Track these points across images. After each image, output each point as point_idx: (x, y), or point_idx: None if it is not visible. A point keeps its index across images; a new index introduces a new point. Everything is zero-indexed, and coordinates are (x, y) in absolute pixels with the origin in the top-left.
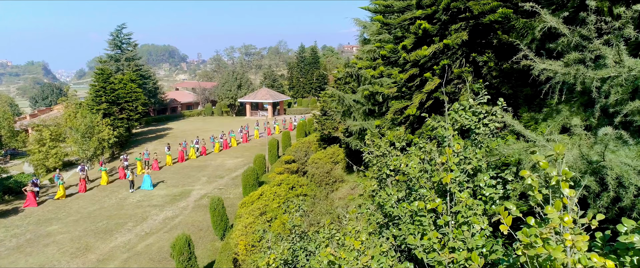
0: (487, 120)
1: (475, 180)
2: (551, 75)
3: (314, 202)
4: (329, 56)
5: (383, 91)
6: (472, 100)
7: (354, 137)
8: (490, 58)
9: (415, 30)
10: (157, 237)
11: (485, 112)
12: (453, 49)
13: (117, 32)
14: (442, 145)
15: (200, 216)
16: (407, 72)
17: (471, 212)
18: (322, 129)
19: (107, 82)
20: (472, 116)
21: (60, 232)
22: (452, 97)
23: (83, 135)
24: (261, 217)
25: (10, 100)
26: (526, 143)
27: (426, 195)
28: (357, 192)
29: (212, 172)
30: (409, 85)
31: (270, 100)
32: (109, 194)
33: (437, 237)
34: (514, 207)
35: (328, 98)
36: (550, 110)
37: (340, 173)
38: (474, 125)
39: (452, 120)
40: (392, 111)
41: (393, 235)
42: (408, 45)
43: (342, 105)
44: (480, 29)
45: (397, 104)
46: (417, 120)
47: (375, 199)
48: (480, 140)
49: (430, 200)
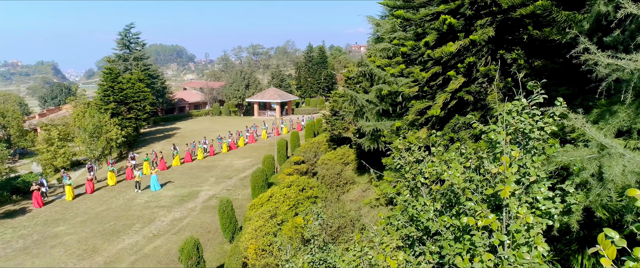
0: (542, 122)
1: (530, 191)
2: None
3: (325, 205)
4: (337, 56)
5: (403, 90)
6: (524, 100)
7: (367, 138)
8: (520, 55)
9: (439, 26)
10: (165, 239)
11: (541, 113)
12: (478, 45)
13: (125, 31)
14: (493, 152)
15: (209, 217)
16: (429, 70)
17: (534, 232)
18: (332, 130)
19: (115, 81)
20: (528, 118)
21: (67, 233)
22: (477, 97)
23: (91, 134)
24: (271, 220)
25: (20, 100)
26: (586, 148)
27: (476, 209)
28: (370, 194)
29: (221, 172)
30: (430, 84)
31: (278, 100)
32: (117, 195)
33: (491, 259)
34: (617, 235)
35: (339, 98)
36: (602, 111)
37: (351, 175)
38: (529, 129)
39: (504, 123)
40: (414, 112)
41: (430, 251)
42: (430, 41)
43: (354, 105)
44: (509, 24)
45: (419, 104)
46: (439, 122)
47: (408, 210)
48: (534, 146)
49: (482, 216)
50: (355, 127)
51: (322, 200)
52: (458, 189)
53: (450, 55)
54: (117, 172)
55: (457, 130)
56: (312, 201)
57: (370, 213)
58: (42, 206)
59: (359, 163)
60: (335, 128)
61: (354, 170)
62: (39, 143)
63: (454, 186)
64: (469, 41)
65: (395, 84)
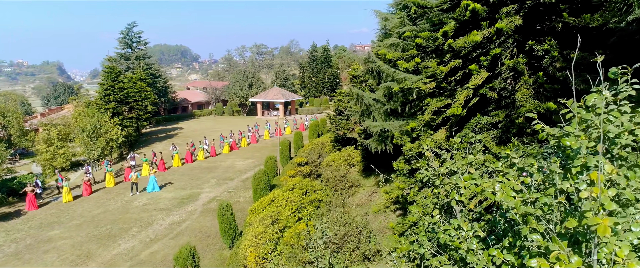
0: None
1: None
2: None
3: (329, 209)
4: (341, 55)
5: (419, 87)
6: (606, 92)
7: (374, 139)
8: (553, 46)
9: (459, 14)
10: (163, 244)
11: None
12: (504, 35)
13: (127, 30)
14: (570, 165)
15: (209, 221)
16: (448, 64)
17: None
18: (337, 130)
19: (116, 80)
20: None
21: (62, 237)
22: (502, 94)
23: (89, 134)
24: (273, 226)
25: (23, 99)
26: None
27: (548, 247)
28: (376, 198)
29: (222, 173)
30: (448, 80)
31: (281, 100)
32: (115, 196)
33: None
34: None
35: (344, 97)
36: None
37: (357, 177)
38: (618, 133)
39: (583, 125)
40: (430, 111)
41: None
42: (449, 31)
43: (361, 104)
44: (540, 11)
45: (435, 102)
46: (458, 122)
47: (439, 236)
48: (619, 155)
49: (561, 257)
50: (361, 127)
51: (326, 204)
52: (516, 215)
53: (473, 46)
54: (116, 173)
55: (479, 131)
56: (315, 205)
57: (377, 218)
58: (37, 208)
59: (365, 165)
60: (340, 128)
61: (360, 172)
62: (38, 143)
63: (511, 211)
64: (494, 30)
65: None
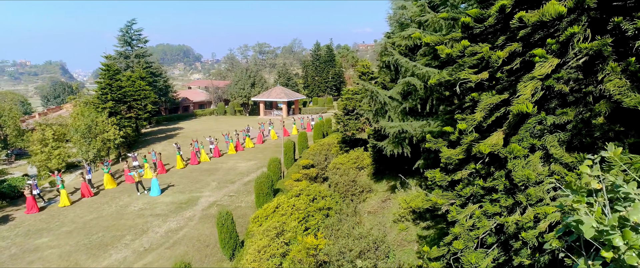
0: None
1: None
2: None
3: (339, 219)
4: (344, 54)
5: (469, 77)
6: None
7: (389, 140)
8: None
9: None
10: (157, 254)
11: None
12: (580, 10)
13: (126, 28)
14: None
15: (208, 228)
16: (504, 48)
17: None
18: (345, 130)
19: (113, 79)
20: None
21: (50, 246)
22: (576, 85)
23: (84, 135)
24: (278, 238)
25: (23, 99)
26: None
27: None
28: (390, 205)
29: (223, 176)
30: (503, 69)
31: (284, 99)
32: (110, 201)
33: None
34: None
35: (352, 95)
36: None
37: (367, 182)
38: None
39: None
40: (483, 108)
41: None
42: (507, 4)
43: (375, 102)
44: None
45: (489, 98)
46: (518, 122)
47: None
48: None
49: None
50: (373, 127)
51: (336, 212)
52: None
53: (528, 29)
54: (114, 175)
55: (538, 133)
56: (324, 214)
57: (393, 228)
58: (38, 211)
59: (376, 168)
60: (348, 128)
61: (370, 175)
62: (33, 143)
63: None
64: (572, 3)
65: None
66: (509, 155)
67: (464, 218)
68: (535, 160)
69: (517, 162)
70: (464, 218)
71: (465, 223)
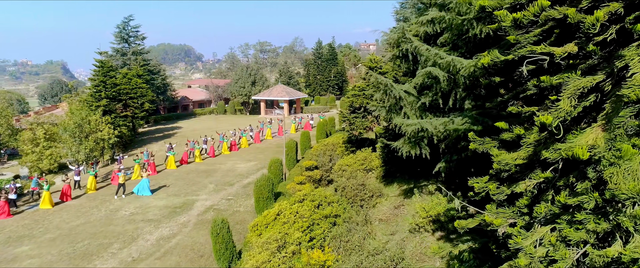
0: None
1: None
2: None
3: (349, 228)
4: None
5: (553, 51)
6: None
7: (405, 140)
8: None
9: None
10: (146, 265)
11: None
12: None
13: (123, 24)
14: None
15: (203, 236)
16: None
17: None
18: (351, 129)
19: (107, 76)
20: None
21: (30, 255)
22: None
23: (73, 134)
24: (279, 252)
25: (20, 98)
26: None
27: None
28: (404, 211)
29: (221, 177)
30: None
31: (286, 98)
32: (99, 205)
33: None
34: None
35: (359, 92)
36: None
37: (377, 185)
38: None
39: None
40: (571, 94)
41: None
42: None
43: (389, 97)
44: None
45: (578, 80)
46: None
47: None
48: None
49: None
50: (381, 126)
51: (345, 221)
52: None
53: None
54: (104, 177)
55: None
56: (331, 222)
57: (410, 240)
58: (10, 217)
59: (386, 170)
60: (354, 127)
61: (379, 178)
62: (23, 143)
63: None
64: None
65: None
66: (612, 159)
67: (530, 244)
68: (635, 166)
69: (614, 169)
70: (532, 245)
71: (534, 252)
